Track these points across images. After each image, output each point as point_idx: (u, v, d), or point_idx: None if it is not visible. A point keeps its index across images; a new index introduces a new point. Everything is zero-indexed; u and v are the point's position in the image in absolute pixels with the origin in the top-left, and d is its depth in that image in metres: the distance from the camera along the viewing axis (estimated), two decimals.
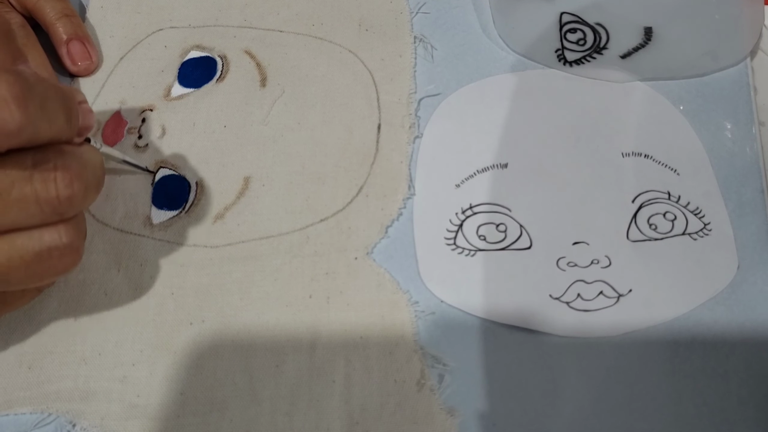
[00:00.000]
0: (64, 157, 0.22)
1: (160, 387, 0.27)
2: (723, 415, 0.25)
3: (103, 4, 0.36)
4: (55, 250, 0.22)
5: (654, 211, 0.29)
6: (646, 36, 0.32)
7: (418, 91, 0.32)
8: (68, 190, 0.22)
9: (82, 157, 0.23)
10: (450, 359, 0.27)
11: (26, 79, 0.20)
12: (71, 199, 0.22)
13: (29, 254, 0.22)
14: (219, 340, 0.28)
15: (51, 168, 0.21)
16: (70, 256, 0.23)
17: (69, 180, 0.22)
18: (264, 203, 0.30)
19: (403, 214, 0.30)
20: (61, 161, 0.22)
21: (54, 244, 0.22)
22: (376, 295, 0.28)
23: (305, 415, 0.26)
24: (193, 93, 0.33)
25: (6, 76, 0.20)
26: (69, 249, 0.23)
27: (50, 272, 0.23)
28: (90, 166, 0.23)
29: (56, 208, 0.22)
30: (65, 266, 0.23)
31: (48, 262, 0.22)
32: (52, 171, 0.21)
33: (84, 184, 0.22)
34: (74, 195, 0.22)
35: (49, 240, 0.22)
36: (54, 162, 0.22)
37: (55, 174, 0.22)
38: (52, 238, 0.22)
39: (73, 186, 0.22)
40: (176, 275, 0.29)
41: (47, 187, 0.21)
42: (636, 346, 0.27)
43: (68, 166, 0.22)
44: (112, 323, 0.28)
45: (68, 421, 0.27)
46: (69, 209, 0.22)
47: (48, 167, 0.21)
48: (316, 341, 0.27)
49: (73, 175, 0.22)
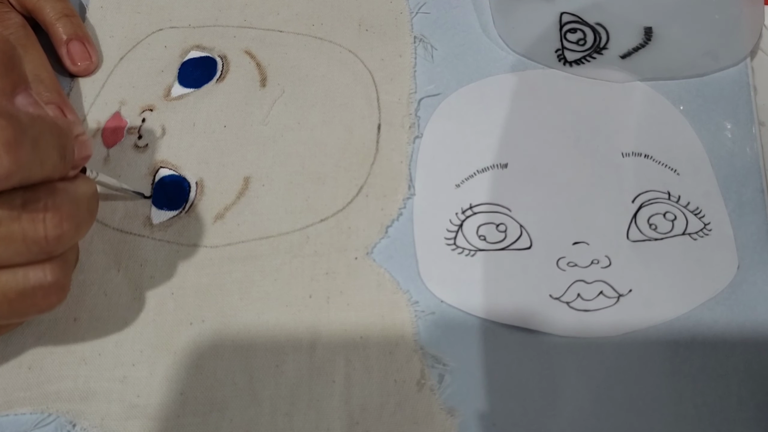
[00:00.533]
0: (54, 195, 0.22)
1: (160, 387, 0.27)
2: (723, 415, 0.26)
3: (103, 4, 0.37)
4: (39, 289, 0.22)
5: (654, 211, 0.29)
6: (646, 36, 0.33)
7: (418, 91, 0.33)
8: (57, 230, 0.22)
9: (75, 193, 0.23)
10: (450, 359, 0.27)
11: (19, 122, 0.20)
12: (60, 239, 0.22)
13: (12, 292, 0.22)
14: (219, 340, 0.28)
15: (41, 208, 0.21)
16: (54, 295, 0.23)
17: (58, 220, 0.22)
18: (264, 203, 0.31)
19: (403, 214, 0.30)
20: (51, 200, 0.22)
21: (38, 283, 0.22)
22: (376, 295, 0.28)
23: (305, 415, 0.27)
24: (193, 93, 0.33)
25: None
26: (54, 288, 0.22)
27: (33, 310, 0.23)
28: (83, 202, 0.23)
29: (44, 248, 0.22)
30: (49, 304, 0.23)
31: (32, 300, 0.22)
32: (42, 211, 0.21)
33: (75, 223, 0.22)
34: (63, 235, 0.22)
35: (33, 279, 0.22)
36: (44, 201, 0.21)
37: (45, 214, 0.21)
38: (37, 276, 0.22)
39: (63, 226, 0.22)
40: (176, 275, 0.29)
41: (36, 227, 0.21)
42: (636, 346, 0.27)
43: (59, 205, 0.22)
44: (112, 323, 0.29)
45: (68, 421, 0.27)
46: (57, 248, 0.22)
47: (38, 207, 0.21)
48: (316, 341, 0.28)
49: (63, 215, 0.22)
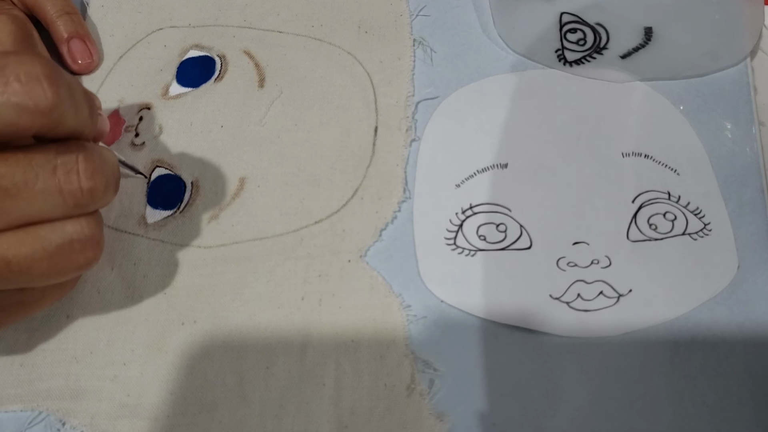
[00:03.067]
0: (86, 150, 0.23)
1: (150, 387, 0.28)
2: (723, 415, 0.26)
3: (104, 2, 0.38)
4: (77, 242, 0.23)
5: (654, 211, 0.30)
6: (646, 36, 0.34)
7: (416, 94, 0.34)
8: (90, 182, 0.23)
9: (102, 153, 0.24)
10: (447, 360, 0.28)
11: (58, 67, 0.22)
12: (93, 192, 0.23)
13: (52, 246, 0.23)
14: (210, 341, 0.29)
15: (74, 160, 0.23)
16: (92, 249, 0.24)
17: (91, 173, 0.23)
18: (259, 204, 0.32)
19: (397, 217, 0.31)
20: (83, 154, 0.23)
21: (77, 236, 0.23)
22: (368, 299, 0.29)
23: (294, 418, 0.27)
24: (191, 92, 0.35)
25: (39, 58, 0.22)
26: (91, 242, 0.24)
27: (73, 266, 0.24)
28: (109, 163, 0.24)
29: (79, 201, 0.23)
30: (87, 259, 0.24)
31: (70, 254, 0.23)
32: (75, 164, 0.23)
33: (104, 179, 0.24)
34: (96, 188, 0.23)
35: (71, 232, 0.23)
36: (77, 154, 0.23)
37: (78, 166, 0.23)
38: (75, 229, 0.23)
39: (95, 179, 0.23)
40: (169, 275, 0.30)
41: (70, 179, 0.23)
42: (636, 346, 0.28)
43: (90, 158, 0.23)
44: (105, 322, 0.30)
45: (58, 419, 0.28)
46: (90, 203, 0.23)
47: (71, 159, 0.23)
48: (307, 344, 0.29)
49: (96, 168, 0.23)
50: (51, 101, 0.21)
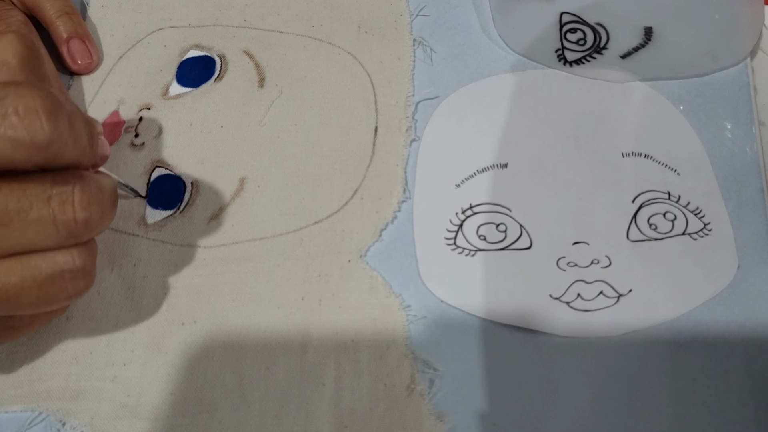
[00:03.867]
0: (82, 180, 0.23)
1: (150, 387, 0.28)
2: (723, 415, 0.27)
3: (104, 2, 0.38)
4: (68, 272, 0.23)
5: (654, 211, 0.30)
6: (646, 36, 0.34)
7: (416, 94, 0.34)
8: (85, 213, 0.23)
9: (100, 182, 0.24)
10: (447, 360, 0.28)
11: (57, 96, 0.22)
12: (88, 223, 0.23)
13: (42, 276, 0.23)
14: (210, 341, 0.29)
15: (70, 190, 0.23)
16: (82, 280, 0.24)
17: (87, 203, 0.23)
18: (259, 204, 0.32)
19: (397, 217, 0.31)
20: (79, 184, 0.23)
21: (67, 267, 0.23)
22: (368, 299, 0.30)
23: (294, 418, 0.28)
24: (191, 92, 0.35)
25: (39, 90, 0.21)
26: (82, 272, 0.24)
27: (62, 295, 0.24)
28: (106, 191, 0.24)
29: (72, 231, 0.23)
30: (77, 289, 0.24)
31: (60, 284, 0.23)
32: (71, 194, 0.23)
33: (100, 209, 0.23)
34: (91, 218, 0.23)
35: (62, 262, 0.23)
36: (73, 185, 0.23)
37: (74, 197, 0.23)
38: (66, 260, 0.23)
39: (91, 209, 0.23)
40: (169, 275, 0.31)
41: (65, 209, 0.22)
42: (636, 346, 0.28)
43: (87, 189, 0.23)
44: (104, 322, 0.30)
45: (58, 419, 0.28)
46: (85, 233, 0.23)
47: (67, 189, 0.23)
48: (307, 344, 0.29)
49: (92, 199, 0.23)
50: (48, 136, 0.21)
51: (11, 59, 0.23)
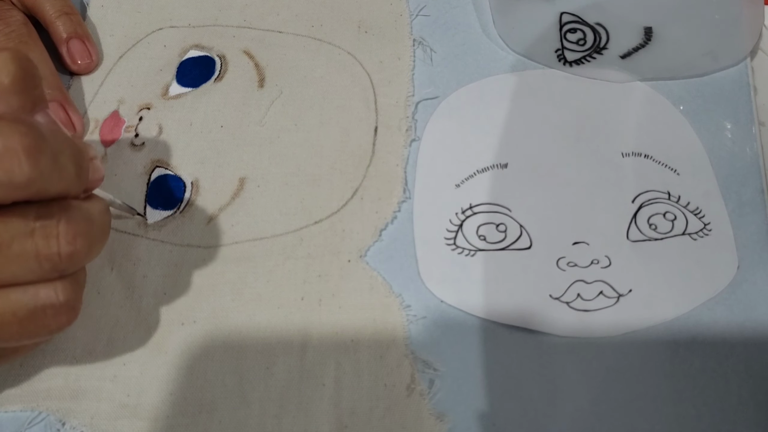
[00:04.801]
0: (69, 212, 0.22)
1: (150, 387, 0.28)
2: (723, 415, 0.27)
3: (104, 2, 0.38)
4: (50, 308, 0.22)
5: (654, 211, 0.30)
6: (646, 36, 0.34)
7: (416, 94, 0.34)
8: (70, 247, 0.22)
9: (88, 212, 0.23)
10: (447, 360, 0.28)
11: (40, 132, 0.21)
12: (72, 257, 0.22)
13: (22, 311, 0.22)
14: (210, 341, 0.29)
15: (54, 224, 0.22)
16: (65, 315, 0.23)
17: (72, 237, 0.22)
18: (258, 204, 0.32)
19: (397, 217, 0.31)
20: (65, 217, 0.22)
21: (49, 302, 0.22)
22: (368, 299, 0.30)
23: (294, 418, 0.28)
24: (191, 92, 0.35)
25: (19, 127, 0.20)
26: (64, 307, 0.23)
27: (43, 330, 0.23)
28: (96, 221, 0.24)
29: (56, 265, 0.22)
30: (59, 325, 0.23)
31: (42, 319, 0.23)
32: (55, 227, 0.22)
33: (88, 241, 0.23)
34: (76, 252, 0.22)
35: (44, 297, 0.22)
36: (58, 217, 0.22)
37: (58, 230, 0.22)
38: (48, 295, 0.22)
39: (76, 243, 0.22)
40: (169, 275, 0.31)
41: (49, 243, 0.22)
42: (636, 346, 0.28)
43: (72, 221, 0.22)
44: (104, 322, 0.30)
45: (58, 419, 0.28)
46: (69, 266, 0.22)
47: (51, 223, 0.22)
48: (307, 344, 0.29)
49: (77, 232, 0.22)
50: (27, 175, 0.20)
51: (4, 79, 0.22)
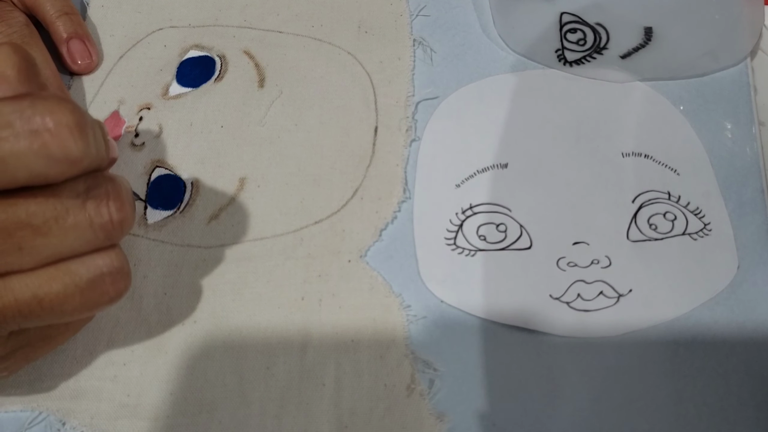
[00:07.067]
0: (113, 182, 0.23)
1: (150, 387, 0.28)
2: (723, 415, 0.27)
3: (104, 2, 0.38)
4: (108, 275, 0.23)
5: (654, 211, 0.30)
6: (646, 36, 0.34)
7: (416, 94, 0.34)
8: (121, 213, 0.23)
9: (125, 183, 0.24)
10: (447, 360, 0.28)
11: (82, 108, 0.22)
12: (123, 223, 0.23)
13: (84, 281, 0.23)
14: (210, 341, 0.29)
15: (103, 193, 0.23)
16: (122, 281, 0.24)
17: (120, 204, 0.23)
18: (259, 204, 0.32)
19: (397, 217, 0.31)
20: (111, 186, 0.23)
21: (107, 269, 0.23)
22: (368, 299, 0.30)
23: (294, 418, 0.28)
24: (191, 92, 0.35)
25: (67, 104, 0.21)
26: (121, 273, 0.24)
27: (104, 299, 0.23)
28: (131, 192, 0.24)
29: (109, 233, 0.23)
30: (118, 291, 0.24)
31: (102, 288, 0.23)
32: (105, 197, 0.23)
33: (132, 208, 0.24)
34: (126, 218, 0.23)
35: (102, 265, 0.23)
36: (105, 187, 0.23)
37: (108, 200, 0.23)
38: (105, 263, 0.23)
39: (125, 209, 0.23)
40: (169, 275, 0.31)
41: (101, 212, 0.22)
42: (636, 346, 0.28)
43: (118, 190, 0.23)
44: (104, 322, 0.30)
45: (58, 419, 0.28)
46: (120, 233, 0.23)
47: (101, 192, 0.23)
48: (307, 344, 0.29)
49: (124, 199, 0.23)
50: (82, 150, 0.21)
51: (9, 71, 0.22)
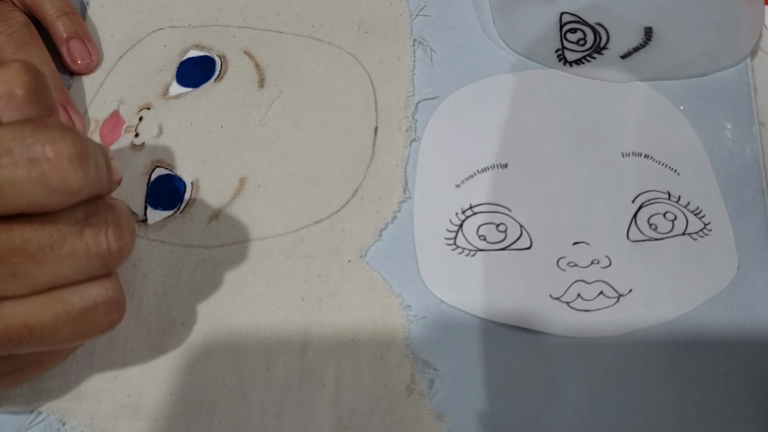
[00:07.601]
0: (113, 210, 0.23)
1: (150, 387, 0.28)
2: (723, 415, 0.27)
3: (104, 2, 0.38)
4: (102, 305, 0.23)
5: (654, 211, 0.30)
6: (646, 36, 0.34)
7: (416, 94, 0.34)
8: (119, 242, 0.22)
9: (126, 210, 0.24)
10: (447, 360, 0.28)
11: (84, 138, 0.22)
12: (121, 252, 0.23)
13: (76, 310, 0.22)
14: (210, 341, 0.29)
15: (102, 222, 0.22)
16: (116, 312, 0.23)
17: (120, 233, 0.23)
18: (259, 204, 0.32)
19: (397, 217, 0.31)
20: (110, 214, 0.23)
21: (102, 299, 0.23)
22: (368, 299, 0.30)
23: (294, 418, 0.28)
24: (191, 92, 0.35)
25: (69, 134, 0.21)
26: (115, 304, 0.23)
27: (95, 329, 0.23)
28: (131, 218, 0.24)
29: (106, 262, 0.22)
30: (111, 322, 0.23)
31: (94, 317, 0.23)
32: (104, 225, 0.22)
33: (131, 236, 0.23)
34: (124, 247, 0.23)
35: (96, 294, 0.23)
36: (104, 215, 0.23)
37: (107, 228, 0.22)
38: (99, 292, 0.23)
39: (124, 238, 0.23)
40: (169, 275, 0.31)
41: (99, 240, 0.22)
42: (636, 346, 0.28)
43: (117, 218, 0.23)
44: None
45: (58, 419, 0.28)
46: (117, 262, 0.23)
47: (99, 221, 0.22)
48: (307, 344, 0.29)
49: (123, 227, 0.23)
50: (81, 181, 0.21)
51: (18, 91, 0.22)
